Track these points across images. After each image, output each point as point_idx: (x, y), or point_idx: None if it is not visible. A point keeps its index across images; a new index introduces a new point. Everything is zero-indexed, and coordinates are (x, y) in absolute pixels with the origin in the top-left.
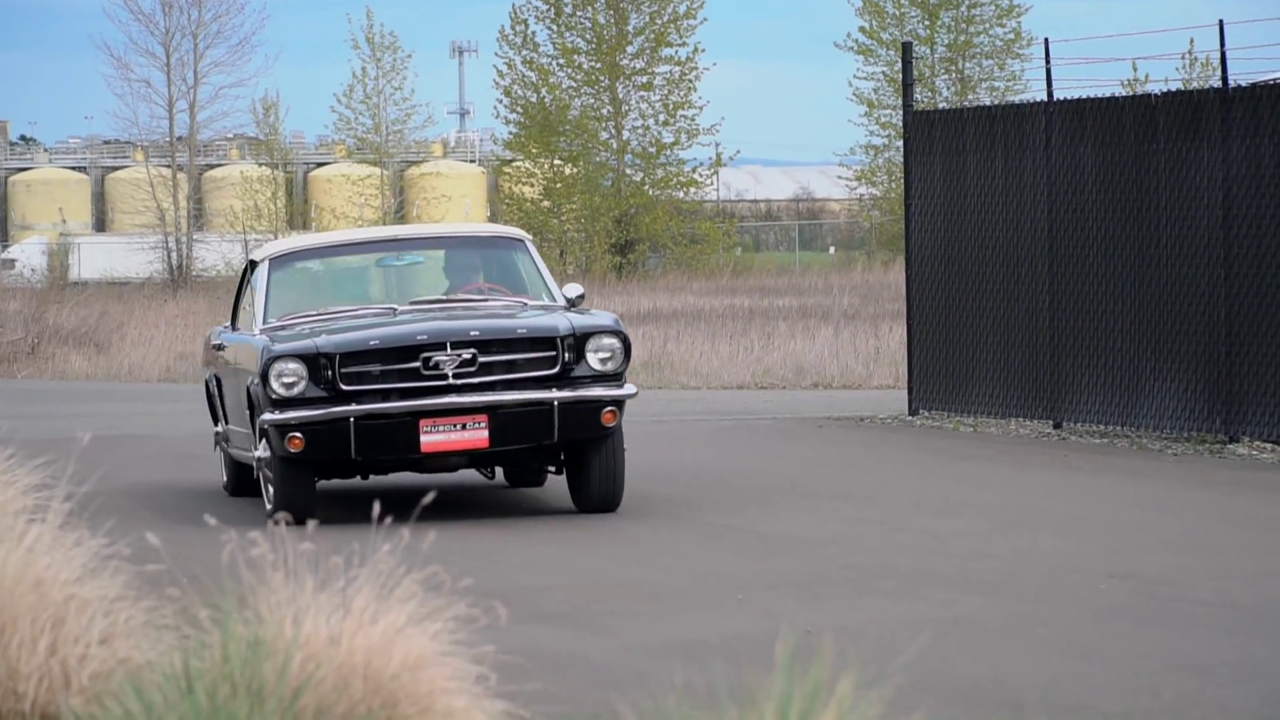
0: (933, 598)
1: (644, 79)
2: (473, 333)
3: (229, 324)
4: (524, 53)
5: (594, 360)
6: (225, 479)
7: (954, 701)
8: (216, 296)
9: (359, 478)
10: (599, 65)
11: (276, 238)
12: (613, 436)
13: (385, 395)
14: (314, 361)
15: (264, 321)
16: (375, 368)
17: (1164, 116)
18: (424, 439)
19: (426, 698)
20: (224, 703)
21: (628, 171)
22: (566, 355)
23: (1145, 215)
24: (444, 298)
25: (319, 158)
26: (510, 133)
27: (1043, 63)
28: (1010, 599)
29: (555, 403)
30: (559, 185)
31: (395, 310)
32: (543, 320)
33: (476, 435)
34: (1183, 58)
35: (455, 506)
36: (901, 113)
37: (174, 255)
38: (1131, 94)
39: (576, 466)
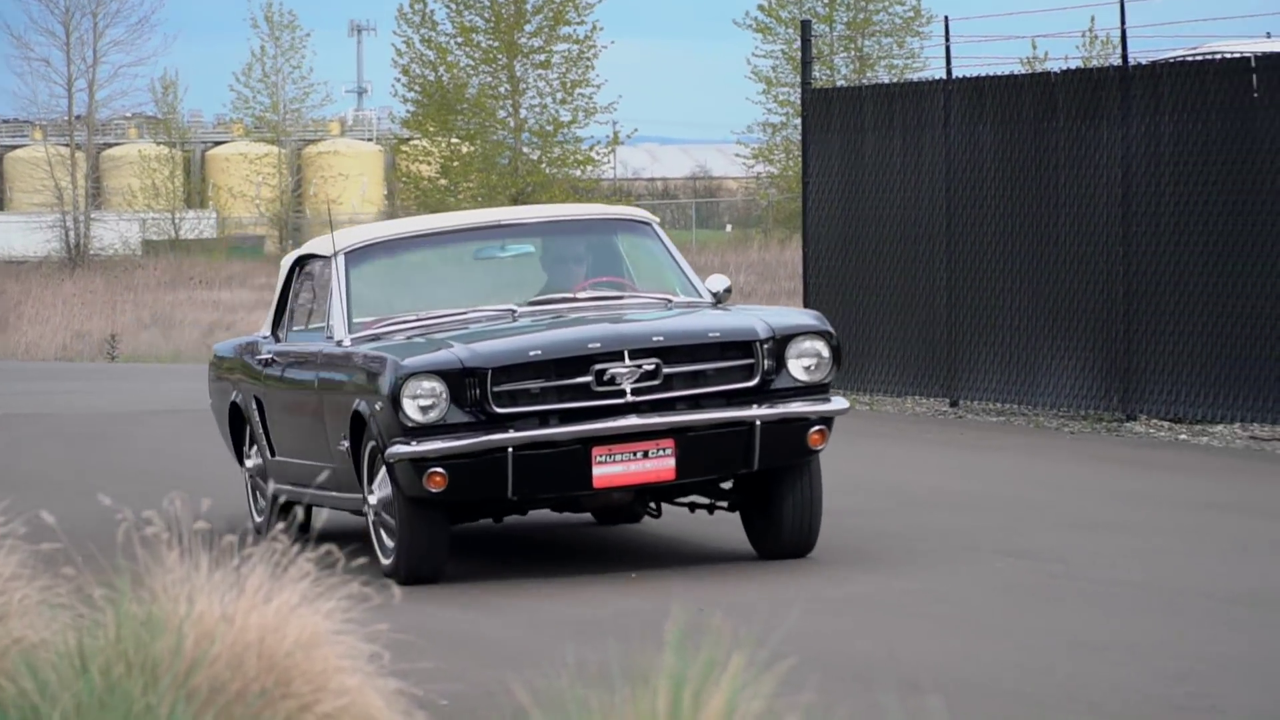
0: (827, 576)
1: (542, 57)
2: (655, 338)
3: (268, 332)
4: (422, 31)
5: (797, 368)
6: (258, 519)
7: (847, 679)
8: (114, 275)
9: (492, 519)
10: (497, 44)
11: (174, 217)
12: (812, 463)
13: (544, 418)
14: (458, 379)
15: (349, 329)
16: (535, 384)
17: (1063, 95)
18: (596, 471)
19: (320, 676)
20: (118, 681)
21: (525, 150)
22: (765, 363)
23: (1044, 194)
24: (570, 296)
25: (217, 136)
26: (408, 111)
27: (942, 40)
28: (905, 577)
29: (757, 422)
30: (456, 164)
31: (515, 312)
32: (735, 321)
33: (661, 465)
34: (1083, 36)
35: None
36: (800, 90)
37: (71, 234)
38: (1031, 72)
39: (764, 501)
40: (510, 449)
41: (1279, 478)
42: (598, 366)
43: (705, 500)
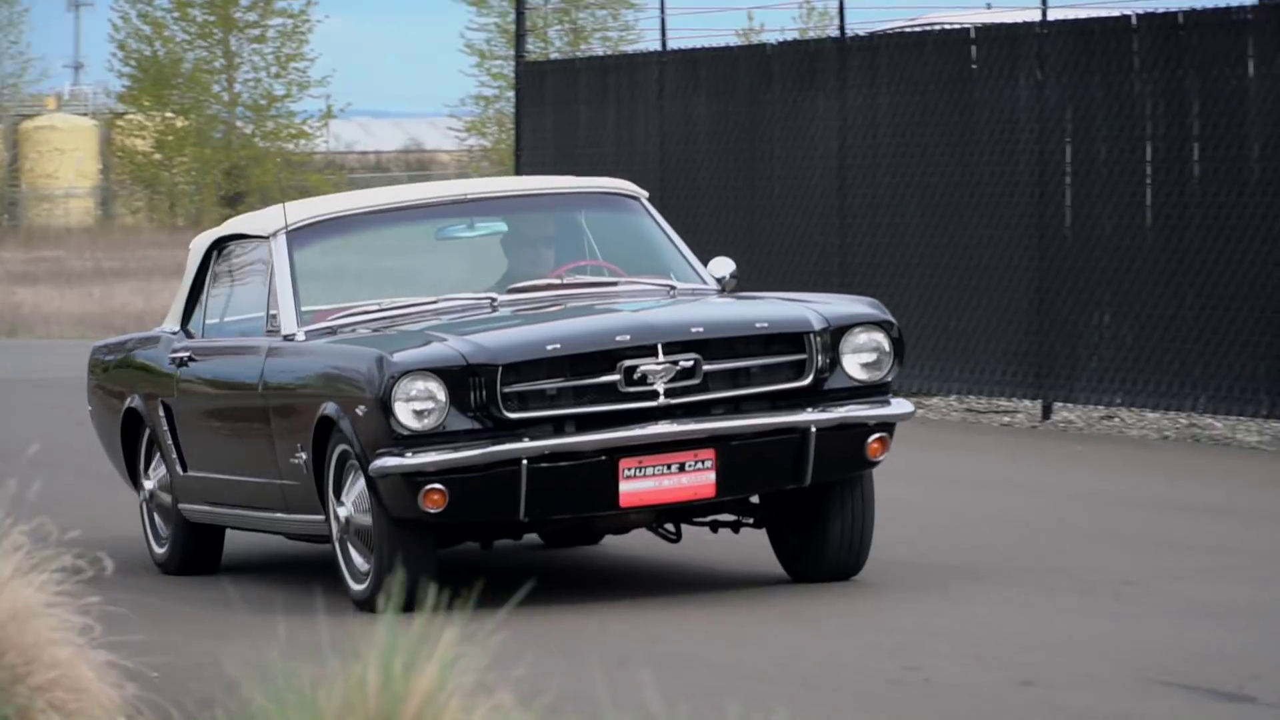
0: (537, 551)
1: (257, 32)
2: (695, 329)
3: (176, 326)
4: (139, 6)
5: (854, 365)
6: (159, 550)
7: (557, 653)
8: None
9: (479, 544)
10: (213, 18)
11: None
12: (865, 475)
13: (560, 425)
14: (460, 378)
15: (298, 320)
16: (551, 384)
17: (779, 66)
18: (624, 487)
19: (33, 648)
20: None
21: (239, 124)
22: (819, 359)
23: (759, 166)
24: (558, 281)
25: None
26: (124, 86)
27: (657, 12)
28: (616, 551)
29: (811, 429)
30: (171, 138)
31: (495, 301)
32: (783, 310)
33: (699, 480)
34: (800, 7)
35: (59, 458)
36: (514, 63)
37: None
38: (747, 44)
39: (806, 517)
40: (524, 461)
41: (993, 450)
42: (627, 363)
43: (730, 516)
